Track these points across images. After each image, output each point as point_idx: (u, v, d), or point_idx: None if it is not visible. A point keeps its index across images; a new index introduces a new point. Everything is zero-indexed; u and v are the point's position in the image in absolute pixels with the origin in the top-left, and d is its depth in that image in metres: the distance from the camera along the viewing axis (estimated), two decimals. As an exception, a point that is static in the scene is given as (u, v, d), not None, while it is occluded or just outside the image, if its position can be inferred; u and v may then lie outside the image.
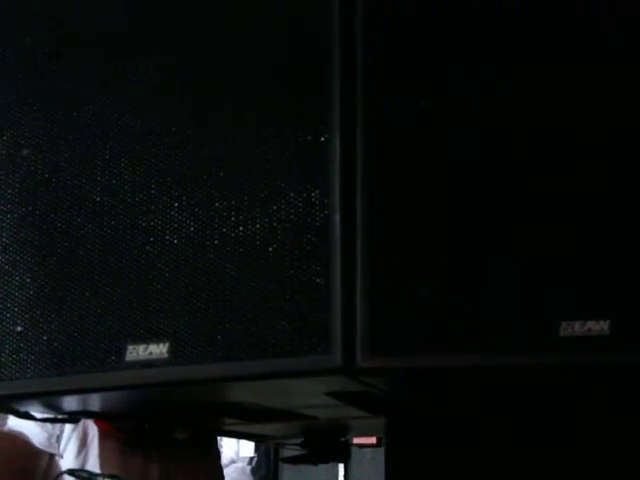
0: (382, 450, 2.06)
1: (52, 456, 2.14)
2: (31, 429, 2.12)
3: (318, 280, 1.52)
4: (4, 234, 1.74)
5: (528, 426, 1.86)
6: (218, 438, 2.64)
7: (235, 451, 5.07)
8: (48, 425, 2.12)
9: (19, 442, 2.12)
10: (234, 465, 5.05)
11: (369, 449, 4.71)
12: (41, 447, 2.13)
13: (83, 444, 2.15)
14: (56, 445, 2.14)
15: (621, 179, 1.46)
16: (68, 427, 2.15)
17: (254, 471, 5.08)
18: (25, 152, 1.75)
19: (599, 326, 1.41)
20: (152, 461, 2.18)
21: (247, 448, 5.10)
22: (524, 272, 1.46)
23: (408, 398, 1.82)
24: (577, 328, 1.42)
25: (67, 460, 2.11)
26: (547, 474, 1.84)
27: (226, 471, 2.56)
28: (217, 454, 2.45)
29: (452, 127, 1.54)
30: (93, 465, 2.05)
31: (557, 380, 1.58)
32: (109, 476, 1.88)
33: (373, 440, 4.59)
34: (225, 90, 1.65)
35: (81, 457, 2.13)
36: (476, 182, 1.51)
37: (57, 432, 2.14)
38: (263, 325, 1.53)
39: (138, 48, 1.73)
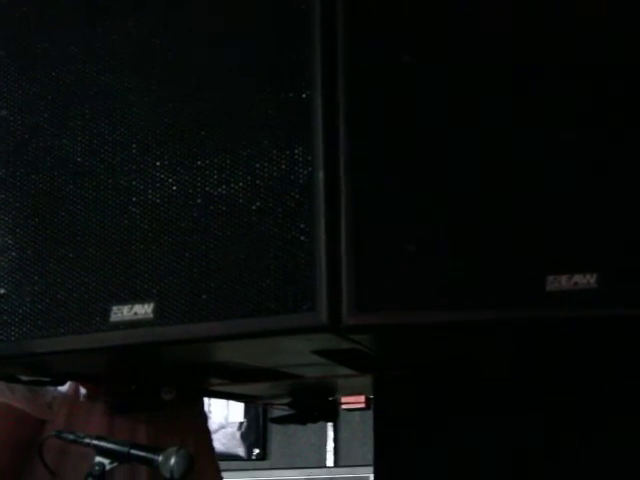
0: (371, 412, 2.06)
1: (45, 423, 2.13)
2: (24, 397, 2.11)
3: (302, 238, 1.51)
4: (-16, 197, 1.73)
5: (517, 382, 1.86)
6: (207, 404, 2.64)
7: (224, 416, 5.08)
8: (40, 392, 2.11)
9: (16, 412, 2.11)
10: (223, 430, 5.07)
11: (358, 412, 4.74)
12: (35, 415, 2.12)
13: (73, 407, 2.14)
14: (49, 412, 2.13)
15: (608, 133, 1.45)
16: (59, 392, 2.14)
17: (244, 436, 5.09)
18: (4, 113, 1.73)
19: (586, 279, 1.41)
20: (140, 422, 2.17)
21: (236, 413, 5.11)
22: (509, 226, 1.46)
23: (395, 355, 1.82)
24: (564, 282, 1.42)
25: (58, 425, 2.10)
26: (537, 428, 1.84)
27: (215, 436, 2.55)
28: (204, 414, 2.44)
29: (434, 81, 1.53)
30: (82, 428, 2.04)
31: (544, 335, 1.58)
32: (96, 437, 1.87)
33: (362, 403, 4.62)
34: (205, 48, 1.64)
35: (70, 420, 2.13)
36: (461, 135, 1.50)
37: (49, 399, 2.13)
38: (248, 284, 1.52)
39: (118, 8, 1.71)
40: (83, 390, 2.17)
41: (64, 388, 2.15)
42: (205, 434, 2.44)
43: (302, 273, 1.50)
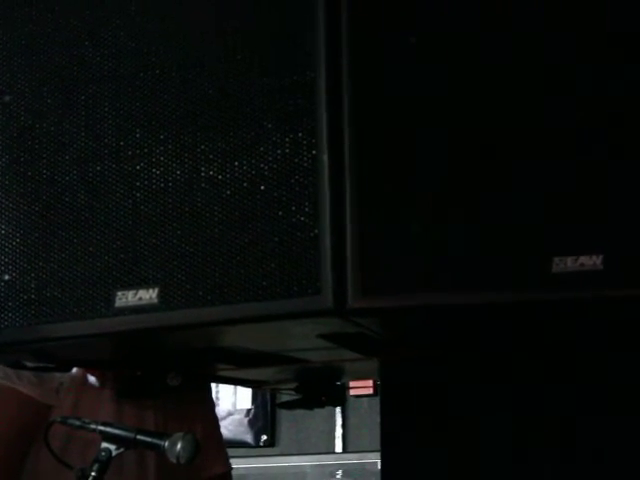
0: (378, 399, 2.06)
1: (51, 408, 2.13)
2: (30, 382, 2.10)
3: (307, 221, 1.50)
4: (-12, 182, 1.72)
5: (524, 364, 1.86)
6: (215, 391, 2.63)
7: (232, 403, 5.08)
8: (47, 377, 2.11)
9: (21, 397, 2.11)
10: (231, 417, 5.07)
11: (366, 398, 4.74)
12: (41, 400, 2.12)
13: (80, 394, 2.14)
14: (55, 397, 2.13)
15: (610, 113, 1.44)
16: (66, 377, 2.14)
17: (251, 423, 5.09)
18: (7, 98, 1.73)
19: (592, 261, 1.40)
20: (147, 409, 2.17)
21: (244, 400, 5.11)
22: (515, 208, 1.45)
23: (401, 338, 1.82)
24: (570, 264, 1.41)
25: (64, 410, 2.10)
26: (540, 409, 1.83)
27: (223, 423, 2.55)
28: (212, 401, 2.44)
29: (441, 64, 1.52)
30: (89, 414, 2.04)
31: (551, 317, 1.57)
32: (102, 423, 1.88)
33: (370, 390, 4.62)
34: (210, 32, 1.63)
35: (77, 406, 2.12)
36: (464, 118, 1.49)
37: (56, 385, 2.13)
38: (253, 268, 1.52)
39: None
40: (91, 377, 2.17)
41: (71, 373, 2.14)
42: (213, 421, 2.44)
43: (307, 257, 1.49)
